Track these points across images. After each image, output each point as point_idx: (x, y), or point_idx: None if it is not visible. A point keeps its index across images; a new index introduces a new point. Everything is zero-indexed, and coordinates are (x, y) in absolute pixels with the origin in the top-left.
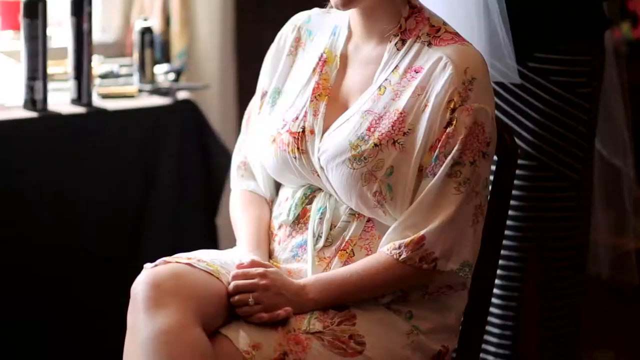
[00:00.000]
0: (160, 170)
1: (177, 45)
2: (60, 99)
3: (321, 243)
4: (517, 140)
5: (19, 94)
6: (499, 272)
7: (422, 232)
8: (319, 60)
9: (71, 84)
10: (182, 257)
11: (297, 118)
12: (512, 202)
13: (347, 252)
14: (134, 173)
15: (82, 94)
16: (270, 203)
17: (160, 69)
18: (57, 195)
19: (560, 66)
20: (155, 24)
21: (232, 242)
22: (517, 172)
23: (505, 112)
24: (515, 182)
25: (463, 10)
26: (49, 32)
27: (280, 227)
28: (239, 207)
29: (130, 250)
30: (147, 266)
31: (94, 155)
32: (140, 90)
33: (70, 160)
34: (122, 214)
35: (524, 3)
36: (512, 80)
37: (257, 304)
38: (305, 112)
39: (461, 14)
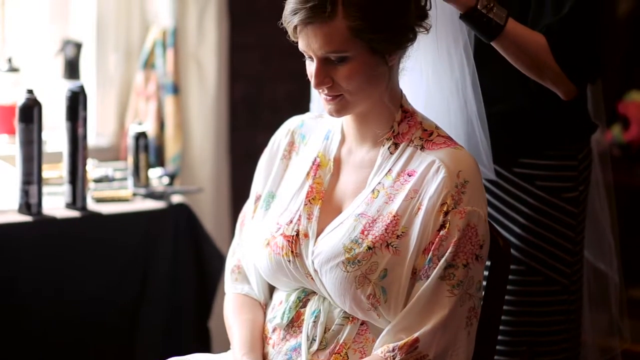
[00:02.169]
0: (154, 274)
1: (171, 149)
2: (55, 203)
3: (315, 346)
4: None
5: (14, 198)
6: None
7: (415, 335)
8: (313, 164)
9: (66, 188)
10: None
11: (291, 221)
12: None
13: (341, 356)
14: (128, 276)
15: (76, 198)
16: (264, 306)
17: (154, 173)
18: (52, 298)
19: (546, 171)
20: (150, 128)
21: (224, 346)
22: None
23: (492, 217)
24: None
25: (442, 108)
26: (44, 136)
27: (274, 330)
28: (233, 311)
29: (124, 353)
30: None
31: (88, 258)
32: (134, 194)
33: (65, 263)
34: (116, 317)
35: (508, 109)
36: (487, 177)
37: None
38: (300, 216)
39: (439, 112)
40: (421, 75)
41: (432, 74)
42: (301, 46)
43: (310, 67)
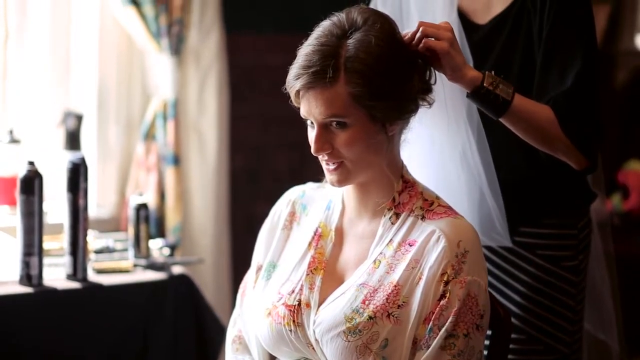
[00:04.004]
0: (155, 344)
1: (171, 220)
2: (56, 274)
3: None
4: None
5: (15, 269)
6: None
7: None
8: (314, 234)
9: (67, 259)
10: None
11: (293, 291)
12: None
13: None
14: (128, 347)
15: (77, 270)
16: None
17: (155, 244)
18: None
19: (546, 240)
20: (150, 199)
21: None
22: None
23: (493, 286)
24: None
25: (453, 177)
26: (44, 207)
27: None
28: None
29: None
30: None
31: (89, 329)
32: (135, 265)
33: (66, 334)
34: None
35: (508, 178)
36: (502, 244)
37: None
38: (302, 286)
39: (450, 181)
40: (432, 145)
41: (442, 143)
42: (303, 112)
43: (311, 134)
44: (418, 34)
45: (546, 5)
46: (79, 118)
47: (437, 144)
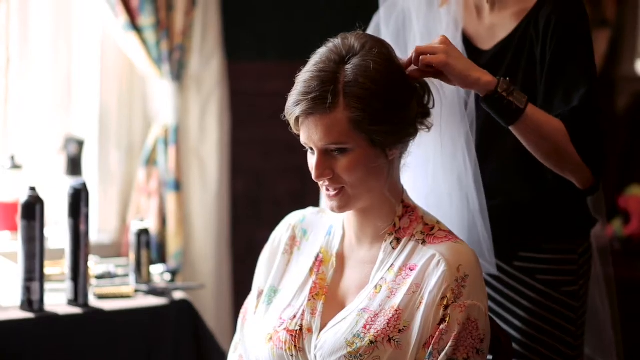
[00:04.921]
0: None
1: (172, 245)
2: (57, 300)
3: None
4: None
5: (16, 295)
6: None
7: None
8: (316, 259)
9: (68, 285)
10: None
11: (294, 317)
12: None
13: None
14: None
15: (78, 295)
16: None
17: (156, 269)
18: None
19: (546, 265)
20: (152, 224)
21: None
22: None
23: (493, 310)
24: None
25: (444, 202)
26: (46, 233)
27: None
28: None
29: None
30: None
31: (90, 355)
32: (136, 291)
33: None
34: None
35: (508, 202)
36: (489, 271)
37: None
38: (303, 311)
39: (441, 206)
40: (426, 170)
41: (436, 168)
42: (302, 138)
43: (311, 160)
44: (414, 54)
45: (549, 31)
46: (80, 143)
47: (431, 167)
